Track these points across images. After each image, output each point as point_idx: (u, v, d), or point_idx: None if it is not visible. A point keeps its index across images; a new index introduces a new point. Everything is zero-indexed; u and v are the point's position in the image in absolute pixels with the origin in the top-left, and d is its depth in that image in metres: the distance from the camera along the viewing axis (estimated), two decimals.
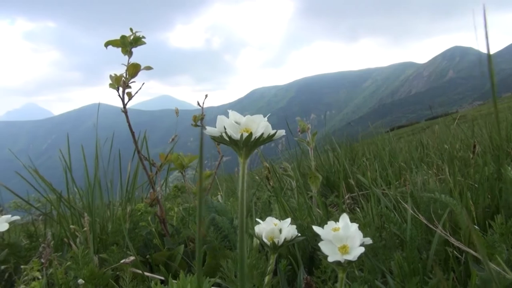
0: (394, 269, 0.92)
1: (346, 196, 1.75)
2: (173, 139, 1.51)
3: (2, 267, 1.15)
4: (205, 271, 1.02)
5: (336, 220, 1.04)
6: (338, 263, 0.56)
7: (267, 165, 1.36)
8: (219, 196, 1.86)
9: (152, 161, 1.40)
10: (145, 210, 1.15)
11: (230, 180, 3.41)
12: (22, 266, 0.89)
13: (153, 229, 1.18)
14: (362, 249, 0.55)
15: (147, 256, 1.12)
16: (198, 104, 1.42)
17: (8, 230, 0.84)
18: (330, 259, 0.55)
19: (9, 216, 0.68)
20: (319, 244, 0.57)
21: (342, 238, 0.56)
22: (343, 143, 2.93)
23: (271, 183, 1.30)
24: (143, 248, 1.24)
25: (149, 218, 1.18)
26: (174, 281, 0.65)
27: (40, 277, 0.86)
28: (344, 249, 0.56)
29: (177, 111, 1.44)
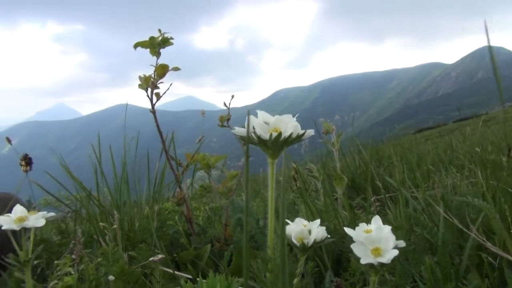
0: (425, 274, 0.89)
1: (373, 199, 1.72)
2: (200, 140, 1.52)
3: (35, 262, 1.19)
4: (232, 271, 1.02)
5: (363, 222, 1.02)
6: (371, 265, 0.55)
7: (294, 165, 1.35)
8: (243, 197, 1.86)
9: (178, 161, 1.41)
10: (172, 209, 1.17)
11: (253, 181, 3.41)
12: (55, 262, 0.92)
13: (180, 228, 1.19)
14: (396, 252, 0.54)
15: (174, 255, 1.13)
16: (225, 104, 1.43)
17: (40, 226, 0.86)
18: (362, 261, 0.54)
19: (45, 212, 0.70)
20: (351, 246, 0.56)
21: (375, 240, 0.55)
22: (368, 144, 2.88)
23: (297, 184, 1.29)
24: (170, 246, 1.26)
25: (176, 217, 1.20)
26: (203, 280, 0.65)
27: (72, 272, 0.88)
28: (377, 252, 0.54)
29: (203, 112, 1.45)
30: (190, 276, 0.93)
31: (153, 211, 1.17)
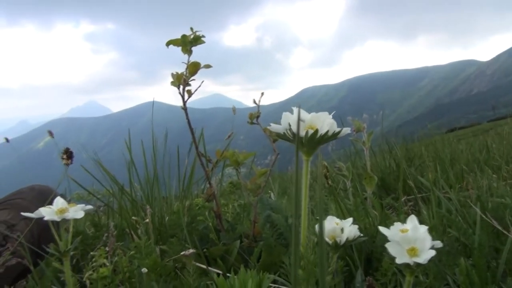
0: (459, 276, 0.87)
1: (403, 198, 1.69)
2: (229, 136, 1.53)
3: (71, 253, 1.23)
4: (261, 267, 1.03)
5: (394, 222, 1.00)
6: (407, 265, 0.54)
7: (326, 164, 1.34)
8: (271, 194, 1.87)
9: (208, 158, 1.43)
10: (202, 205, 1.18)
11: (281, 179, 3.40)
12: (91, 253, 0.95)
13: (210, 224, 1.21)
14: (433, 252, 0.53)
15: (204, 250, 1.15)
16: (254, 102, 1.43)
17: (75, 219, 0.89)
18: (398, 261, 0.53)
19: (83, 205, 0.73)
20: (386, 245, 0.56)
21: (411, 240, 0.54)
22: (399, 143, 2.82)
23: (329, 182, 1.28)
24: (199, 242, 1.28)
25: (206, 213, 1.21)
26: (235, 276, 0.66)
27: (107, 264, 0.91)
28: (413, 252, 0.53)
29: (234, 109, 1.46)
30: (220, 272, 0.95)
31: (184, 206, 1.19)
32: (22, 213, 0.73)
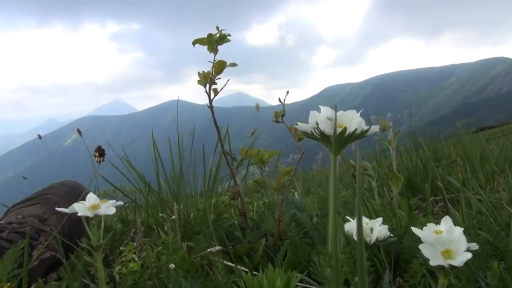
0: (491, 280, 0.84)
1: (430, 199, 1.65)
2: (252, 133, 1.53)
3: None
4: (286, 266, 1.03)
5: (422, 223, 0.99)
6: (441, 268, 0.52)
7: (353, 163, 1.33)
8: (295, 193, 1.86)
9: (233, 156, 1.44)
10: (228, 202, 1.19)
11: (304, 178, 3.39)
12: (120, 248, 0.97)
13: (236, 222, 1.21)
14: (469, 255, 0.51)
15: (230, 247, 1.16)
16: (279, 100, 1.43)
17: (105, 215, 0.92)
18: (432, 263, 0.52)
19: (114, 201, 0.75)
20: (419, 247, 0.54)
21: (445, 241, 0.53)
22: (425, 142, 2.76)
23: (356, 182, 1.27)
24: (224, 239, 1.29)
25: (232, 211, 1.22)
26: (262, 274, 0.66)
27: (136, 259, 0.93)
28: (447, 254, 0.52)
29: (258, 107, 1.47)
30: (246, 269, 0.95)
31: (210, 204, 1.20)
32: (57, 208, 0.75)
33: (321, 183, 3.03)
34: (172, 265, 0.89)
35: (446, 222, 0.59)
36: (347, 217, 0.73)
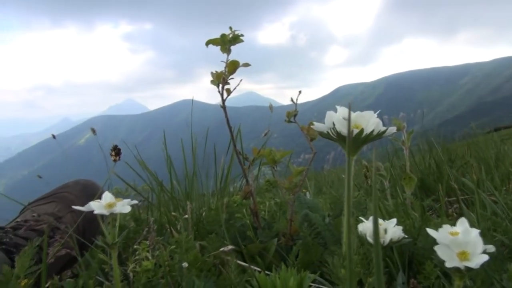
0: (506, 282, 0.83)
1: (444, 200, 1.63)
2: (266, 134, 1.54)
3: None
4: (299, 266, 1.03)
5: (436, 225, 0.97)
6: (457, 270, 0.52)
7: (365, 163, 1.32)
8: (307, 193, 1.86)
9: (245, 155, 1.44)
10: (240, 202, 1.20)
11: (316, 178, 3.38)
12: (135, 246, 0.98)
13: (247, 221, 1.22)
14: (486, 257, 0.51)
15: (242, 247, 1.16)
16: (292, 100, 1.43)
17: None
18: (448, 265, 0.51)
19: (129, 200, 0.76)
20: (435, 248, 0.54)
21: (461, 243, 0.52)
22: (439, 143, 2.73)
23: (369, 182, 1.26)
24: (236, 239, 1.29)
25: (244, 210, 1.22)
26: (275, 274, 0.66)
27: (149, 257, 0.94)
28: (463, 255, 0.52)
29: (271, 107, 1.47)
30: (259, 269, 0.95)
31: (222, 203, 1.20)
32: (73, 207, 0.76)
33: (332, 183, 3.02)
34: (185, 264, 0.89)
35: (462, 224, 0.58)
36: (360, 217, 0.72)
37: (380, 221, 0.69)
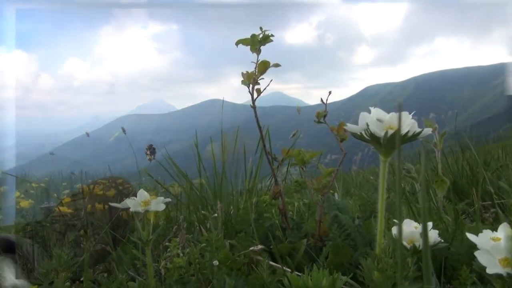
0: None
1: (479, 204, 1.57)
2: (294, 135, 1.53)
3: None
4: (328, 267, 1.02)
5: (470, 229, 0.94)
6: (498, 276, 0.50)
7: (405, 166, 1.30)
8: (335, 194, 1.84)
9: (274, 156, 1.44)
10: (269, 202, 1.20)
11: (344, 179, 3.33)
12: (166, 243, 1.00)
13: (276, 221, 1.22)
14: None
15: (271, 247, 1.16)
16: (322, 101, 1.42)
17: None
18: (489, 271, 0.50)
19: (163, 198, 0.77)
20: (475, 254, 0.52)
21: (504, 249, 0.51)
22: (472, 145, 2.64)
23: (401, 184, 1.24)
24: (265, 238, 1.29)
25: (273, 211, 1.23)
26: (307, 274, 0.66)
27: (181, 254, 0.95)
28: (506, 262, 0.50)
29: (299, 109, 1.46)
30: (289, 270, 0.95)
31: (251, 203, 1.21)
32: (110, 204, 0.79)
33: (361, 184, 2.97)
34: (216, 262, 0.90)
35: (504, 230, 0.56)
36: (394, 220, 0.71)
37: (415, 224, 0.67)
